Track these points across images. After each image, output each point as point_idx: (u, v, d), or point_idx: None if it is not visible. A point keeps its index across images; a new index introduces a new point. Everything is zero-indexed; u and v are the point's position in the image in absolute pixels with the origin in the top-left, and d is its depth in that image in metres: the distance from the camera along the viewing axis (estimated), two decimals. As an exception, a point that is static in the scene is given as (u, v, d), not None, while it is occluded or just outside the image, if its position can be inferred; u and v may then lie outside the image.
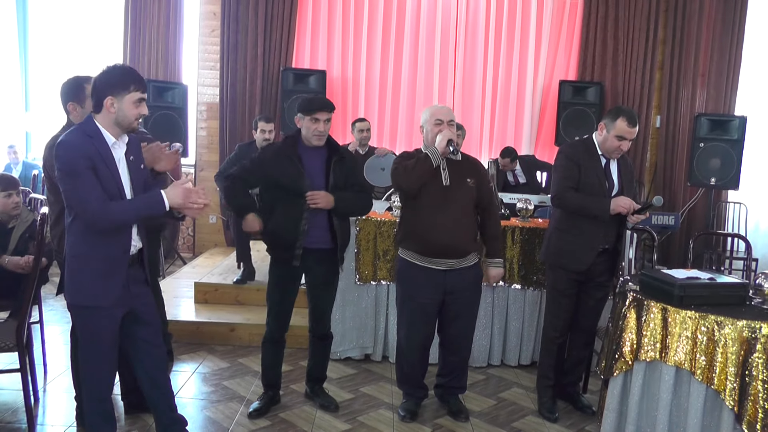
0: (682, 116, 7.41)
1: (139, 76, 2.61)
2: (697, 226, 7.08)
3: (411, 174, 3.28)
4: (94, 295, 2.58)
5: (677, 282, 2.78)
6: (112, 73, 2.56)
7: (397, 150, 6.97)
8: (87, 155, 2.47)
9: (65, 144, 2.48)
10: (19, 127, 8.08)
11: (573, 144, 3.71)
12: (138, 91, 2.56)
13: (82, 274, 2.59)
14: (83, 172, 2.45)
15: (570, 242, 3.52)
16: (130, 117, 2.57)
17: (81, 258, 2.59)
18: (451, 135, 3.30)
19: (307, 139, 3.33)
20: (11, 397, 3.67)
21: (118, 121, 2.56)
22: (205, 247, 7.48)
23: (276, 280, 3.46)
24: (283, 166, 3.29)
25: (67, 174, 2.47)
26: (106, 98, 2.52)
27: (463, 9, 7.39)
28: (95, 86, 2.56)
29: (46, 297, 5.43)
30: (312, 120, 3.27)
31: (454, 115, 3.46)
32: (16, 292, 3.66)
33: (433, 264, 3.39)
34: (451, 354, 3.62)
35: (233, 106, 7.28)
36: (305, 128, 3.30)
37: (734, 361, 2.59)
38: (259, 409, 3.55)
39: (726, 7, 7.27)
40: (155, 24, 7.20)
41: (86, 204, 2.46)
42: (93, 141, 2.51)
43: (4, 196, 3.81)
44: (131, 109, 2.56)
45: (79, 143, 2.49)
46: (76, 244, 2.59)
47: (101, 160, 2.51)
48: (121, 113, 2.54)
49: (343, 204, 3.36)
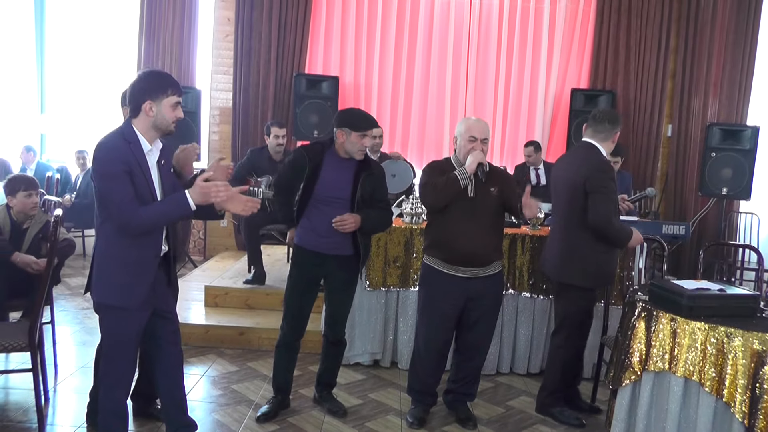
0: (694, 125, 7.37)
1: (175, 81, 2.69)
2: (708, 237, 7.04)
3: (439, 195, 3.37)
4: (122, 295, 2.63)
5: (686, 293, 2.77)
6: (150, 78, 2.65)
7: (408, 156, 6.97)
8: (125, 160, 2.54)
9: (105, 146, 2.56)
10: (35, 129, 8.16)
11: (607, 162, 3.56)
12: (175, 95, 2.64)
13: (112, 274, 2.64)
14: (120, 176, 2.52)
15: (608, 263, 3.58)
16: (168, 120, 2.64)
17: (111, 258, 2.64)
18: (482, 158, 3.35)
19: (349, 151, 3.38)
20: (22, 396, 3.71)
21: (156, 125, 2.63)
22: (216, 250, 7.51)
23: (295, 284, 3.50)
24: (301, 168, 3.41)
25: (104, 176, 2.53)
26: (144, 102, 2.59)
27: (476, 16, 7.40)
28: (133, 92, 2.63)
29: (57, 298, 5.48)
30: (361, 136, 3.35)
31: (489, 132, 3.49)
32: (29, 292, 3.70)
33: (456, 271, 3.43)
34: (466, 361, 3.64)
35: (246, 111, 7.32)
36: (351, 143, 3.35)
37: (744, 374, 2.58)
38: (268, 413, 3.57)
39: (739, 16, 7.23)
40: (170, 28, 7.26)
41: (119, 207, 2.52)
42: (131, 147, 2.58)
43: (25, 196, 3.89)
44: (169, 113, 2.63)
45: (118, 147, 2.56)
46: (107, 245, 2.65)
47: (137, 165, 2.57)
48: (160, 116, 2.61)
49: (370, 224, 3.45)
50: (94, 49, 7.90)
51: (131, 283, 2.63)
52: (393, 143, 7.45)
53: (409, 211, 4.43)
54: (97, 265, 2.69)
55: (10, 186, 3.91)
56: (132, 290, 2.63)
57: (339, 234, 3.37)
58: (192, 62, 7.39)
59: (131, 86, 2.66)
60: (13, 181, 3.95)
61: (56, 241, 3.27)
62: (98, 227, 2.67)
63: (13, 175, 4.10)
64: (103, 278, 2.67)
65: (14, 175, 4.11)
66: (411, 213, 4.41)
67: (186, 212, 2.62)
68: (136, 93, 2.62)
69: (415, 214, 4.39)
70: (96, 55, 7.88)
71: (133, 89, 2.64)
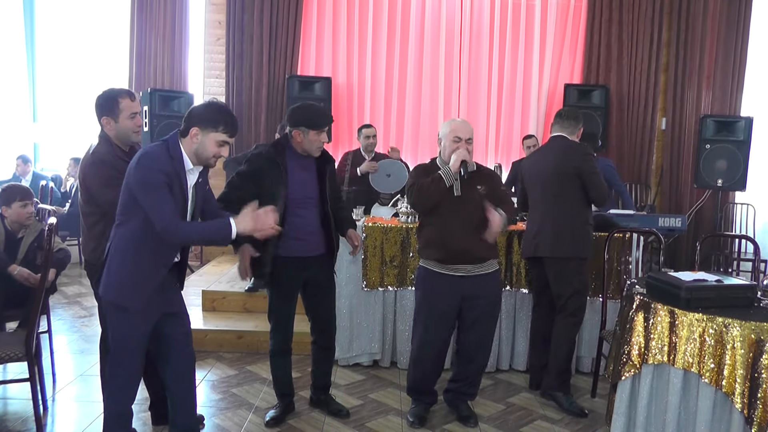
0: (688, 118, 7.38)
1: (232, 122, 2.70)
2: (705, 228, 7.06)
3: (424, 195, 3.38)
4: (124, 295, 2.66)
5: (684, 284, 2.77)
6: (210, 108, 2.70)
7: (402, 155, 6.96)
8: (166, 172, 2.57)
9: (149, 155, 2.60)
10: (28, 138, 8.14)
11: (587, 146, 3.96)
12: (225, 134, 2.67)
13: (120, 273, 2.67)
14: (161, 186, 2.55)
15: (591, 233, 3.88)
16: (208, 153, 2.67)
17: (124, 258, 2.67)
18: (466, 156, 3.36)
19: (308, 150, 3.34)
20: (21, 406, 3.70)
21: (197, 152, 2.67)
22: (213, 255, 7.49)
23: (280, 295, 3.44)
24: (272, 177, 3.28)
25: (146, 184, 2.56)
26: (193, 127, 2.63)
27: (467, 14, 7.41)
28: (191, 112, 2.68)
29: (54, 306, 5.47)
30: (318, 133, 3.30)
31: (473, 132, 3.49)
32: (25, 302, 3.69)
33: (450, 270, 3.43)
34: (467, 361, 3.63)
35: (239, 115, 7.29)
36: (309, 141, 3.31)
37: (743, 364, 2.57)
38: (276, 418, 3.56)
39: (730, 7, 7.24)
40: (161, 33, 7.25)
41: (161, 215, 2.54)
42: (173, 163, 2.61)
43: (21, 206, 3.90)
44: (212, 147, 2.66)
45: (162, 159, 2.60)
46: (123, 243, 2.68)
47: (177, 180, 2.61)
48: (202, 147, 2.65)
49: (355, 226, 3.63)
50: (85, 57, 7.89)
51: (135, 284, 2.66)
52: (387, 142, 7.42)
53: (405, 211, 4.42)
54: (108, 260, 2.72)
55: (5, 196, 3.91)
56: (135, 292, 2.66)
57: (316, 234, 3.37)
58: (184, 67, 7.38)
59: (192, 107, 2.73)
60: (8, 191, 3.94)
61: (51, 250, 3.26)
62: (117, 225, 2.70)
63: (8, 185, 4.09)
64: (111, 274, 2.70)
65: (9, 185, 4.10)
66: (407, 212, 4.40)
67: (225, 238, 2.64)
68: (192, 115, 2.67)
69: (411, 213, 4.38)
70: (87, 62, 7.87)
71: (192, 110, 2.69)
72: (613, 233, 4.12)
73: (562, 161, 3.78)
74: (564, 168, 3.76)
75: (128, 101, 3.07)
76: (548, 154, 3.91)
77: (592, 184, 3.73)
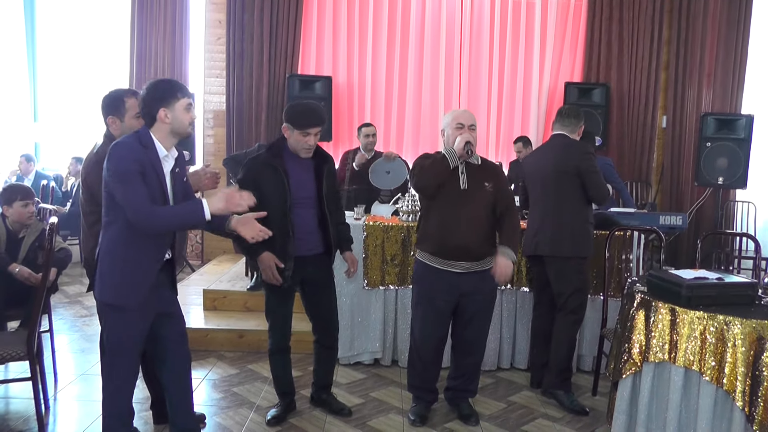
0: (689, 116, 7.37)
1: (182, 85, 2.75)
2: (705, 226, 7.05)
3: (428, 172, 3.33)
4: (120, 295, 2.66)
5: (685, 282, 2.77)
6: (159, 86, 2.68)
7: (403, 154, 6.96)
8: (139, 161, 2.57)
9: (120, 146, 2.60)
10: (29, 138, 8.14)
11: (587, 145, 3.98)
12: (186, 98, 2.70)
13: (113, 273, 2.67)
14: (133, 174, 2.55)
15: (591, 232, 3.87)
16: (184, 123, 2.69)
17: (114, 258, 2.67)
18: (470, 138, 3.33)
19: (295, 149, 3.30)
20: (22, 405, 3.70)
21: (173, 130, 2.68)
22: (214, 254, 7.49)
23: (278, 296, 3.43)
24: (272, 181, 3.25)
25: (117, 174, 2.56)
26: (158, 111, 2.63)
27: (467, 12, 7.40)
28: (145, 103, 2.67)
29: (55, 306, 5.47)
30: (303, 134, 3.24)
31: (475, 120, 3.48)
32: (26, 301, 3.69)
33: (448, 266, 3.41)
34: (464, 357, 3.63)
35: (240, 114, 7.30)
36: (294, 140, 3.27)
37: (744, 361, 2.58)
38: (277, 417, 3.56)
39: (731, 5, 7.23)
40: (161, 33, 7.24)
41: (134, 205, 2.54)
42: (147, 151, 2.62)
43: (22, 206, 3.91)
44: (184, 115, 2.68)
45: (134, 148, 2.60)
46: (111, 245, 2.67)
47: (152, 169, 2.61)
48: (176, 121, 2.67)
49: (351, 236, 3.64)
50: (86, 57, 7.89)
51: (130, 283, 2.66)
52: (388, 141, 7.44)
53: (405, 209, 4.42)
54: (100, 262, 2.72)
55: (6, 196, 3.92)
56: (130, 290, 2.66)
57: (313, 233, 3.36)
58: (184, 66, 7.37)
59: (142, 99, 2.70)
60: (9, 191, 3.95)
61: (52, 249, 3.27)
62: (104, 226, 2.70)
63: (10, 185, 4.11)
64: (104, 276, 2.70)
65: (11, 185, 4.11)
66: (408, 211, 4.40)
67: (200, 220, 2.63)
68: (148, 103, 2.66)
69: (411, 211, 4.38)
70: (88, 62, 7.87)
71: (145, 100, 2.67)
72: (614, 231, 4.12)
73: (562, 160, 3.79)
74: (564, 167, 3.77)
75: (134, 101, 3.09)
76: (548, 153, 3.91)
77: (592, 183, 3.73)
